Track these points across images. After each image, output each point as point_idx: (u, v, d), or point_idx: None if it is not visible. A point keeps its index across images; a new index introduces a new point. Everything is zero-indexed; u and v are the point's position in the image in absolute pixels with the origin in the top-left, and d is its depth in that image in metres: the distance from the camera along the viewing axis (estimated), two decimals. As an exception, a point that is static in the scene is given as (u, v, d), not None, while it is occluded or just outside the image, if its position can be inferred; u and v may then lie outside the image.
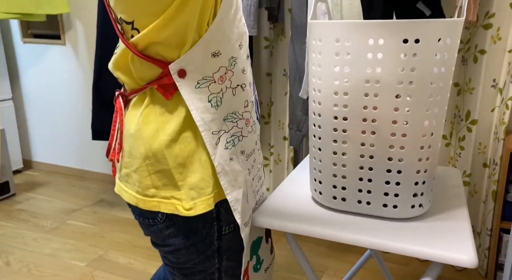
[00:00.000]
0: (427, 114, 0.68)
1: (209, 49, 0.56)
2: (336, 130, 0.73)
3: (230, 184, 0.61)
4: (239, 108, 0.62)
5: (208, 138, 0.58)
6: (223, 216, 0.64)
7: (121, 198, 2.32)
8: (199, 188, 0.60)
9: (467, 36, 1.44)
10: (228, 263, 0.69)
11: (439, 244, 0.67)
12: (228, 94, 0.59)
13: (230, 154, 0.61)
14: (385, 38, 0.66)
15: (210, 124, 0.58)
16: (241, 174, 0.63)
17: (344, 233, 0.71)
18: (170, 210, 0.61)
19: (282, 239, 1.82)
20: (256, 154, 0.69)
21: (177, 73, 0.56)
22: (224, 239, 0.66)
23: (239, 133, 0.62)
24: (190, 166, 0.60)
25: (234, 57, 0.59)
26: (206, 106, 0.57)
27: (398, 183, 0.72)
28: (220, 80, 0.58)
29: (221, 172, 0.60)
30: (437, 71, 0.66)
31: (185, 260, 0.66)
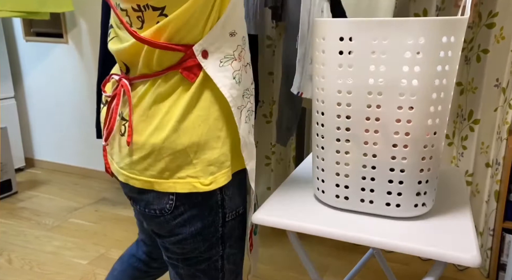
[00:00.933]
0: (430, 112, 0.68)
1: (228, 29, 0.59)
2: (339, 129, 0.73)
3: (249, 155, 0.64)
4: (249, 85, 0.65)
5: (236, 113, 0.61)
6: (227, 204, 0.66)
7: (123, 197, 2.33)
8: (220, 162, 0.62)
9: (470, 36, 1.43)
10: (231, 250, 0.71)
11: (442, 243, 0.67)
12: (243, 71, 0.62)
13: (249, 128, 0.64)
14: (389, 37, 0.65)
15: (236, 99, 0.61)
16: (254, 146, 0.67)
17: (346, 231, 0.71)
18: (187, 189, 0.61)
19: (284, 238, 1.82)
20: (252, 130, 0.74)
21: (201, 54, 0.57)
22: (227, 226, 0.67)
23: (252, 108, 0.66)
24: (207, 144, 0.61)
25: (245, 37, 0.63)
26: (232, 83, 0.60)
27: (401, 182, 0.72)
28: (239, 58, 0.61)
29: (243, 144, 0.63)
30: (441, 69, 0.66)
31: (191, 249, 0.66)
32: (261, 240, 1.82)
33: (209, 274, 0.70)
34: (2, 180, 2.24)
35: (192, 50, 0.57)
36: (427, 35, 0.64)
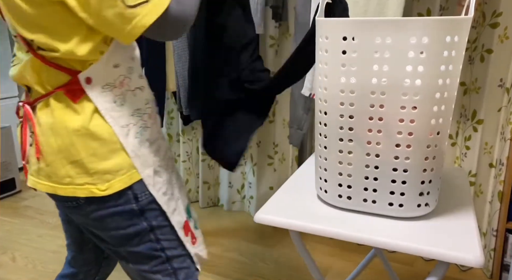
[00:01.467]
0: (434, 112, 0.68)
1: (111, 62, 0.71)
2: (342, 129, 0.73)
3: (142, 164, 0.75)
4: (141, 106, 0.77)
5: (118, 131, 0.72)
6: (135, 187, 0.74)
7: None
8: (115, 171, 0.72)
9: (474, 35, 1.43)
10: (158, 223, 0.78)
11: (445, 243, 0.66)
12: (129, 95, 0.74)
13: (140, 142, 0.75)
14: (392, 36, 0.65)
15: (118, 119, 0.72)
16: (150, 156, 0.77)
17: (349, 231, 0.71)
18: (86, 194, 0.72)
19: (286, 238, 1.82)
20: (160, 141, 0.82)
21: (84, 81, 0.69)
22: (142, 203, 0.76)
23: (144, 125, 0.77)
24: (101, 155, 0.71)
25: (131, 66, 0.75)
26: (112, 106, 0.71)
27: (404, 182, 0.72)
28: (120, 85, 0.73)
29: (134, 156, 0.73)
30: (445, 69, 0.66)
31: (115, 227, 0.76)
32: (263, 239, 1.82)
33: (144, 247, 0.78)
34: (6, 179, 2.25)
35: (77, 76, 0.69)
36: (430, 35, 0.64)
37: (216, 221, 1.99)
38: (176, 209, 0.81)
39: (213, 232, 1.89)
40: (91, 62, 0.69)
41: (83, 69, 0.69)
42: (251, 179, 1.98)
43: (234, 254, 1.71)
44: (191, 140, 2.08)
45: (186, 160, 2.10)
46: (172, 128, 2.11)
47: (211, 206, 2.15)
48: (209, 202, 2.14)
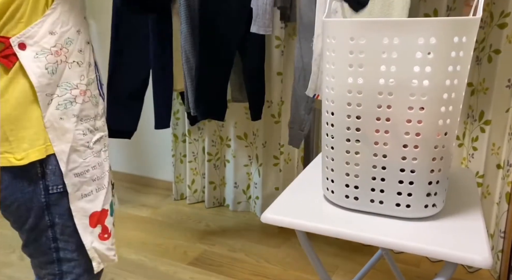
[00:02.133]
0: (441, 113, 0.68)
1: (47, 28, 0.70)
2: (349, 129, 0.73)
3: (57, 138, 0.73)
4: (74, 80, 0.76)
5: (42, 98, 0.71)
6: (49, 177, 0.74)
7: (133, 196, 2.35)
8: (32, 140, 0.71)
9: (482, 36, 1.42)
10: (62, 221, 0.77)
11: (453, 244, 0.66)
12: (62, 66, 0.74)
13: (61, 114, 0.74)
14: (400, 37, 0.65)
15: (45, 87, 0.71)
16: (70, 132, 0.75)
17: (356, 231, 0.71)
18: (3, 163, 0.71)
19: (292, 238, 1.82)
20: (96, 122, 0.81)
21: (17, 46, 0.68)
22: (52, 197, 0.75)
23: (71, 99, 0.75)
24: (20, 123, 0.71)
25: (71, 38, 0.74)
26: (43, 72, 0.71)
27: (412, 182, 0.72)
28: (56, 53, 0.72)
29: (50, 127, 0.73)
30: (452, 69, 0.66)
31: (18, 217, 0.76)
32: (269, 240, 1.82)
33: (40, 242, 0.78)
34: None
35: (9, 41, 0.68)
36: (438, 35, 0.64)
37: (221, 221, 2.00)
38: (89, 195, 0.79)
39: (219, 232, 1.90)
40: (25, 26, 0.68)
41: (17, 34, 0.68)
42: (257, 180, 1.98)
43: (240, 254, 1.71)
44: (197, 140, 2.09)
45: (192, 160, 2.11)
46: (178, 128, 2.12)
47: (216, 206, 2.15)
48: (215, 202, 2.15)
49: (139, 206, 2.17)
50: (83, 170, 0.78)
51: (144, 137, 2.31)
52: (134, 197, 2.28)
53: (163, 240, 1.83)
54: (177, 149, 2.15)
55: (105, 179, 0.83)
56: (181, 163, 2.18)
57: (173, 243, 1.81)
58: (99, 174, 0.81)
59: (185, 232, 1.89)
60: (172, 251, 1.74)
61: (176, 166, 2.17)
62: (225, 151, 2.06)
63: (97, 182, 0.81)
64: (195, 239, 1.83)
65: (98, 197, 0.81)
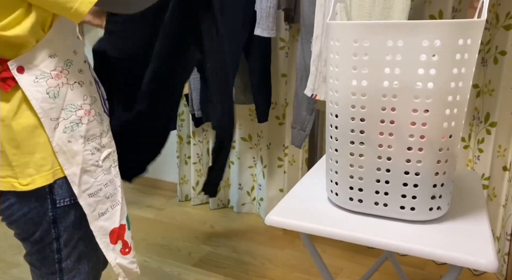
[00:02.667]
0: (446, 115, 0.68)
1: (46, 52, 0.69)
2: (353, 131, 0.73)
3: (67, 161, 0.73)
4: (78, 101, 0.75)
5: (47, 123, 0.70)
6: (56, 190, 0.73)
7: (138, 197, 2.36)
8: (38, 165, 0.70)
9: (487, 37, 1.41)
10: (67, 235, 0.77)
11: (458, 247, 0.66)
12: (64, 88, 0.72)
13: (68, 137, 0.73)
14: (404, 39, 0.65)
15: (48, 112, 0.70)
16: (79, 154, 0.74)
17: (360, 234, 0.71)
18: (7, 188, 0.70)
19: (296, 240, 1.82)
20: (103, 140, 0.81)
21: (16, 69, 0.67)
22: (59, 211, 0.75)
23: (77, 120, 0.75)
24: (25, 148, 0.70)
25: (70, 60, 0.74)
26: (45, 97, 0.69)
27: (416, 185, 0.72)
28: (56, 77, 0.71)
29: (59, 151, 0.72)
30: (457, 72, 0.66)
31: (24, 230, 0.75)
32: (273, 241, 1.82)
33: (44, 254, 0.78)
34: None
35: (7, 64, 0.67)
36: (443, 38, 0.64)
37: (226, 223, 2.00)
38: (106, 213, 0.79)
39: (223, 233, 1.90)
40: (24, 50, 0.67)
41: (15, 57, 0.67)
42: (261, 181, 1.98)
43: (244, 256, 1.71)
44: (201, 142, 2.09)
45: (196, 161, 2.12)
46: (182, 130, 2.13)
47: (221, 207, 2.16)
48: (219, 204, 2.15)
49: (144, 207, 2.18)
50: (96, 190, 0.78)
51: (149, 138, 2.32)
52: (139, 198, 2.29)
53: (167, 241, 1.84)
54: (182, 150, 2.16)
55: (118, 194, 0.83)
56: (186, 164, 2.19)
57: (178, 244, 1.81)
58: (112, 190, 0.81)
59: (190, 234, 1.90)
60: (177, 253, 1.75)
61: (181, 167, 2.18)
62: (230, 152, 2.06)
63: (111, 198, 0.81)
64: (199, 241, 1.84)
65: (114, 214, 0.81)
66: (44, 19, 0.68)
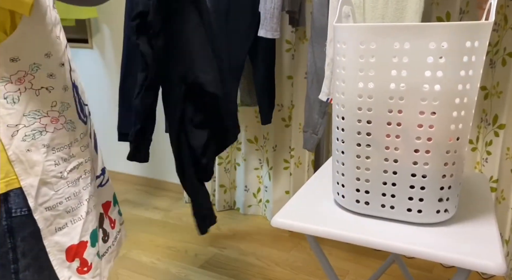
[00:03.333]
0: (453, 117, 0.68)
1: (8, 55, 0.65)
2: (360, 134, 0.73)
3: (25, 171, 0.68)
4: (44, 107, 0.70)
5: (3, 130, 0.66)
6: (12, 199, 0.69)
7: (145, 199, 2.37)
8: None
9: (496, 39, 1.40)
10: (25, 245, 0.72)
11: (466, 249, 0.66)
12: (28, 93, 0.68)
13: (28, 146, 0.68)
14: (411, 41, 0.65)
15: (5, 117, 0.66)
16: (39, 164, 0.70)
17: (367, 236, 0.71)
18: None
19: (302, 242, 1.81)
20: (73, 149, 0.76)
21: None
22: (15, 220, 0.70)
23: (41, 128, 0.70)
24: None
25: (38, 63, 0.69)
26: (1, 102, 0.65)
27: (423, 187, 0.71)
28: (17, 81, 0.66)
29: (16, 160, 0.68)
30: (465, 74, 0.66)
31: None
32: (279, 243, 1.82)
33: (0, 263, 0.72)
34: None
35: None
36: (450, 40, 0.64)
37: (232, 225, 2.00)
38: (64, 228, 0.74)
39: (229, 235, 1.91)
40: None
41: None
42: (267, 183, 1.98)
43: (250, 258, 1.71)
44: (208, 143, 2.10)
45: (203, 163, 2.12)
46: (189, 132, 2.14)
47: (227, 209, 2.16)
48: (225, 206, 2.16)
49: (151, 208, 2.19)
50: (56, 203, 0.73)
51: (156, 140, 2.34)
52: (146, 200, 2.30)
53: (174, 243, 1.84)
54: (188, 152, 2.17)
55: (82, 209, 0.78)
56: (192, 166, 2.20)
57: (185, 246, 1.82)
58: (75, 204, 0.77)
59: (196, 235, 1.90)
60: (184, 254, 1.75)
61: (187, 169, 2.19)
62: (236, 154, 2.07)
63: (72, 213, 0.76)
64: (206, 242, 1.84)
65: (74, 229, 0.76)
66: (2, 19, 0.63)
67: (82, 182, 0.79)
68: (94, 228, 0.81)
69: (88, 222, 0.79)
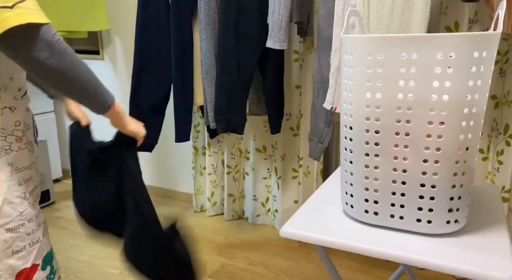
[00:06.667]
0: (462, 127, 0.67)
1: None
2: (368, 143, 0.73)
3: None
4: (9, 126, 0.71)
5: None
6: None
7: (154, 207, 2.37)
8: None
9: (505, 48, 1.40)
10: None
11: (478, 261, 0.65)
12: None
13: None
14: (419, 52, 0.66)
15: None
16: (3, 184, 0.69)
17: (376, 247, 0.70)
18: None
19: (311, 252, 1.80)
20: (30, 172, 0.75)
21: None
22: None
23: (7, 147, 0.70)
24: None
25: (5, 85, 0.70)
26: None
27: (433, 198, 0.71)
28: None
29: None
30: (473, 84, 0.66)
31: None
32: (289, 253, 1.81)
33: None
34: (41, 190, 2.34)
35: None
36: (458, 50, 0.64)
37: (241, 234, 2.00)
38: (21, 251, 0.72)
39: (238, 245, 1.90)
40: None
41: None
42: (276, 193, 1.98)
43: (259, 268, 1.70)
44: (216, 153, 2.11)
45: (211, 172, 2.13)
46: (198, 141, 2.15)
47: (236, 218, 2.16)
48: (234, 215, 2.15)
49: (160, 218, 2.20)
50: (18, 224, 0.71)
51: (165, 150, 2.36)
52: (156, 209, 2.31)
53: (183, 252, 1.84)
54: (197, 161, 2.18)
55: (39, 232, 0.77)
56: (201, 175, 2.20)
57: (193, 255, 1.82)
58: (35, 227, 0.75)
59: (205, 245, 1.90)
60: (192, 264, 1.75)
61: (196, 178, 2.20)
62: (244, 163, 2.07)
63: (32, 236, 0.74)
64: (214, 252, 1.84)
65: (31, 252, 0.74)
66: None
67: (37, 205, 0.78)
68: (49, 250, 0.80)
69: (43, 244, 0.78)
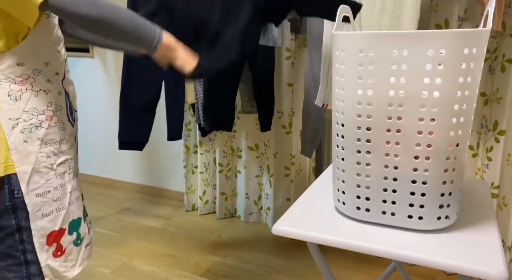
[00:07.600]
0: (452, 124, 0.68)
1: (15, 60, 0.76)
2: (360, 140, 0.74)
3: (20, 159, 0.77)
4: (41, 106, 0.80)
5: (5, 122, 0.76)
6: (14, 181, 0.78)
7: (146, 207, 2.37)
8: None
9: (494, 45, 1.41)
10: (27, 224, 0.80)
11: (467, 257, 0.65)
12: (28, 94, 0.78)
13: (25, 138, 0.78)
14: (410, 49, 0.66)
15: (7, 111, 0.76)
16: (33, 154, 0.79)
17: (368, 244, 0.71)
18: None
19: (304, 249, 1.80)
20: (63, 146, 0.85)
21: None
22: (17, 201, 0.78)
23: (37, 124, 0.79)
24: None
25: (39, 70, 0.79)
26: (5, 99, 0.76)
27: (424, 194, 0.71)
28: (20, 83, 0.77)
29: (14, 149, 0.77)
30: (463, 80, 0.66)
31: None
32: (281, 251, 1.81)
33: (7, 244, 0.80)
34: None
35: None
36: (448, 47, 0.64)
37: (233, 232, 2.00)
38: (50, 215, 0.82)
39: (230, 243, 1.90)
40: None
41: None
42: (268, 190, 1.98)
43: (252, 266, 1.70)
44: (208, 151, 2.10)
45: (203, 171, 2.12)
46: (189, 139, 2.14)
47: (228, 217, 2.15)
48: (226, 213, 2.15)
49: (151, 216, 2.19)
50: (45, 191, 0.81)
51: (156, 148, 2.34)
52: (147, 208, 2.29)
53: (175, 251, 1.83)
54: (189, 160, 2.17)
55: (65, 199, 0.86)
56: (193, 174, 2.20)
57: (185, 254, 1.81)
58: (60, 195, 0.84)
59: (197, 243, 1.90)
60: (184, 262, 1.74)
61: (187, 177, 2.19)
62: (236, 162, 2.07)
63: (58, 202, 0.84)
64: (207, 250, 1.83)
65: (58, 217, 0.84)
66: (17, 30, 0.74)
67: (67, 176, 0.87)
68: (74, 218, 0.89)
69: (69, 212, 0.87)
